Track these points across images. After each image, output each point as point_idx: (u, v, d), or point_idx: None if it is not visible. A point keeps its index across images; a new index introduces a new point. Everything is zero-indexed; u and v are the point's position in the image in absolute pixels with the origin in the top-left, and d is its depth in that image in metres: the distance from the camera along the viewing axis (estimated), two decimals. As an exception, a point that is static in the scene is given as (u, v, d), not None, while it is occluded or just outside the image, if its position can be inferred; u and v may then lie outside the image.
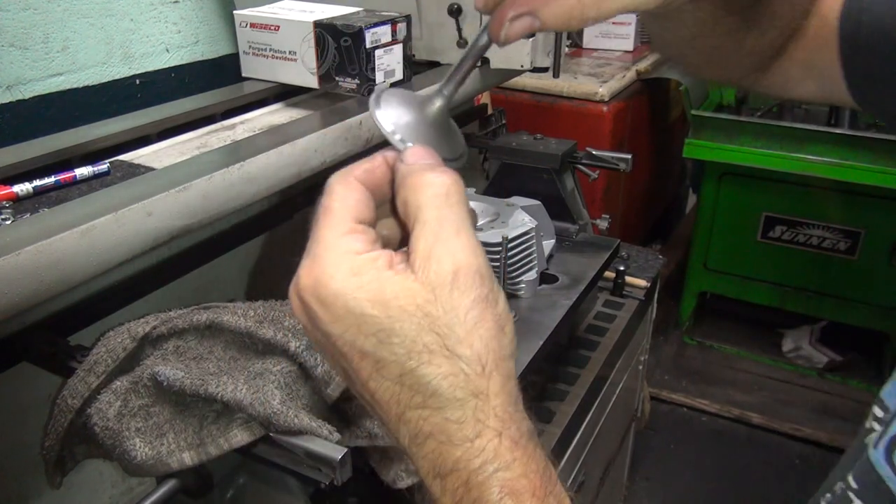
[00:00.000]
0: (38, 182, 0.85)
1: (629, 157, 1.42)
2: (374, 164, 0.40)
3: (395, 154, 0.40)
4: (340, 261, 0.36)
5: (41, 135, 1.04)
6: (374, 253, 0.36)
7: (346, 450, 0.65)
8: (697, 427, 2.53)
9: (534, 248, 1.17)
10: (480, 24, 1.32)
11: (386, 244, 0.40)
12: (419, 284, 0.35)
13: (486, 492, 0.34)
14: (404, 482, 0.76)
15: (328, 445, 0.66)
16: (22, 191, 0.84)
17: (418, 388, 0.35)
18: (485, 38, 0.41)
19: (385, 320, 0.34)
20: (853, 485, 0.43)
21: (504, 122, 1.59)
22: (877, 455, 0.42)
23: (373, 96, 0.41)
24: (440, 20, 1.34)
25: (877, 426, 0.43)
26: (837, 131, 2.28)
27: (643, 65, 2.43)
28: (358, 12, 1.22)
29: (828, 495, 0.45)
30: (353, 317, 0.35)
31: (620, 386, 1.48)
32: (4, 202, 0.82)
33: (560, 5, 0.38)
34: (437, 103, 0.43)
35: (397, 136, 0.40)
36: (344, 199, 0.39)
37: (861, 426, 0.44)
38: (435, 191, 0.37)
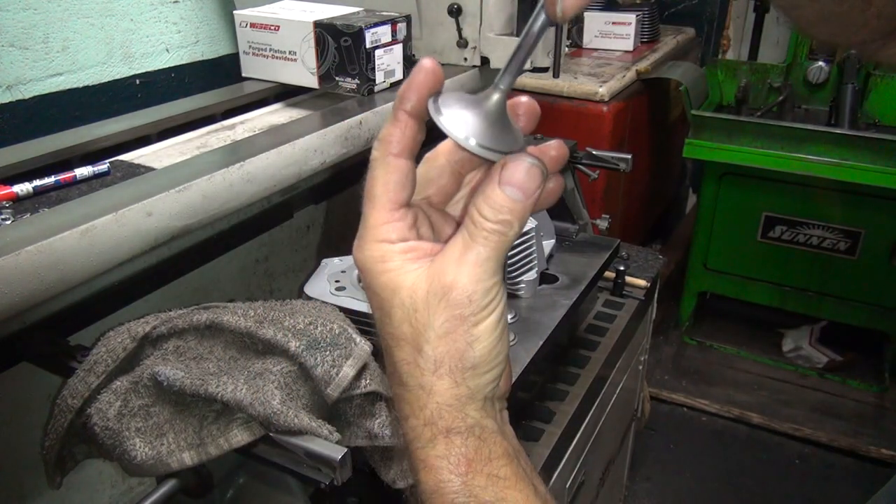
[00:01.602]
0: (38, 182, 0.85)
1: (629, 157, 1.42)
2: (414, 133, 0.42)
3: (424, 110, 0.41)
4: (371, 248, 0.42)
5: (41, 135, 1.04)
6: (406, 244, 0.42)
7: (346, 450, 0.65)
8: (697, 427, 2.53)
9: (534, 248, 1.17)
10: (481, 23, 1.32)
11: (423, 230, 0.44)
12: (424, 285, 0.41)
13: (413, 462, 0.42)
14: (404, 482, 0.76)
15: (328, 445, 0.66)
16: (22, 191, 0.84)
17: (390, 362, 0.43)
18: (541, 19, 0.40)
19: (387, 303, 0.41)
20: None
21: (504, 122, 1.59)
22: None
23: (430, 106, 0.41)
24: (440, 20, 1.34)
25: None
26: (837, 131, 2.28)
27: (643, 65, 2.43)
28: (358, 12, 1.22)
29: None
30: (370, 291, 0.43)
31: (620, 386, 1.48)
32: (4, 202, 0.82)
33: None
34: (496, 97, 0.42)
35: (472, 142, 0.41)
36: (385, 183, 0.42)
37: None
38: (494, 227, 0.40)
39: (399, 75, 1.23)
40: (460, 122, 0.41)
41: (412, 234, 0.42)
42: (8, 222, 0.76)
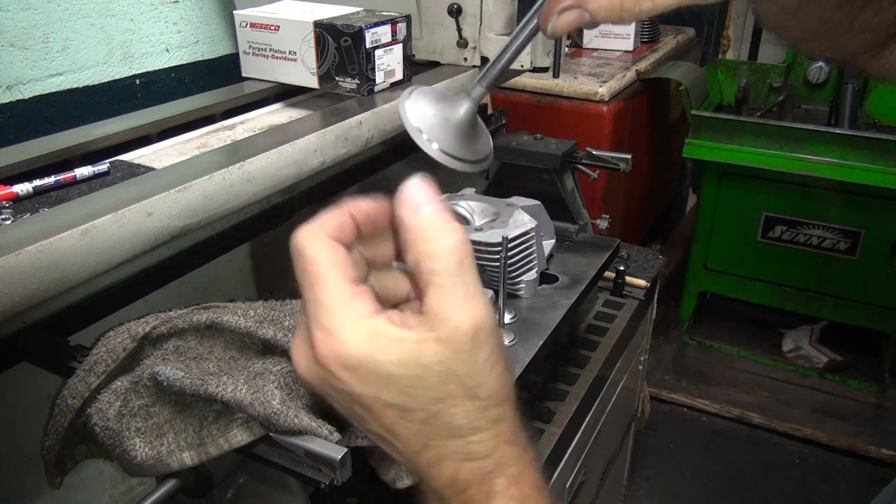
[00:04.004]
0: (38, 182, 0.85)
1: (629, 157, 1.42)
2: (342, 220, 0.41)
3: (369, 203, 0.40)
4: (356, 328, 0.38)
5: (41, 135, 1.04)
6: (385, 315, 0.39)
7: (346, 450, 0.65)
8: (697, 427, 2.53)
9: (534, 248, 1.17)
10: (481, 23, 1.32)
11: (384, 297, 0.43)
12: (440, 345, 0.38)
13: (494, 484, 0.40)
14: (404, 482, 0.75)
15: (328, 445, 0.66)
16: (22, 191, 0.84)
17: (442, 426, 0.40)
18: (532, 25, 0.40)
19: (411, 378, 0.38)
20: None
21: (504, 122, 1.59)
22: None
23: (404, 93, 0.41)
24: (440, 20, 1.34)
25: None
26: (837, 131, 2.28)
27: (643, 65, 2.43)
28: (358, 12, 1.22)
29: None
30: (378, 377, 0.39)
31: (620, 386, 1.48)
32: (4, 202, 0.82)
33: None
34: (465, 105, 0.42)
35: (424, 136, 0.41)
36: (332, 264, 0.39)
37: None
38: (448, 259, 0.38)
39: (399, 75, 1.23)
40: (427, 125, 0.41)
41: (379, 305, 0.40)
42: (8, 222, 0.76)
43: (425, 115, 0.41)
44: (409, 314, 0.40)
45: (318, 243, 0.39)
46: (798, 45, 0.54)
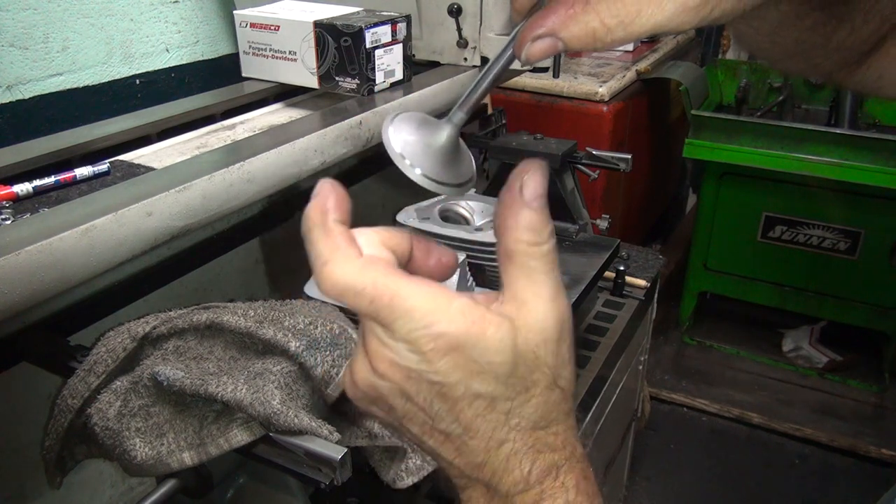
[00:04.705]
0: (38, 182, 0.85)
1: (629, 157, 1.42)
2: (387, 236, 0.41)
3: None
4: (453, 311, 0.38)
5: (41, 135, 1.04)
6: (470, 297, 0.39)
7: (346, 450, 0.65)
8: (697, 427, 2.53)
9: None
10: (481, 23, 1.32)
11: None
12: (532, 333, 0.39)
13: (567, 479, 0.41)
14: (404, 482, 0.76)
15: (328, 445, 0.66)
16: (22, 191, 0.84)
17: (526, 416, 0.40)
18: (508, 53, 0.40)
19: (505, 365, 0.38)
20: None
21: (504, 121, 1.59)
22: None
23: (387, 119, 0.42)
24: (440, 20, 1.34)
25: None
26: (837, 131, 2.28)
27: (643, 65, 2.43)
28: (358, 12, 1.22)
29: None
30: (476, 363, 0.38)
31: (620, 386, 1.48)
32: (4, 202, 0.82)
33: (582, 27, 0.36)
34: (447, 130, 0.43)
35: (407, 162, 0.41)
36: (396, 275, 0.38)
37: None
38: (548, 257, 0.40)
39: (399, 75, 1.23)
40: (409, 151, 0.41)
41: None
42: (8, 222, 0.76)
43: (407, 141, 0.42)
44: (489, 300, 0.40)
45: (377, 268, 0.38)
46: (775, 65, 0.55)
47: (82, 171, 0.89)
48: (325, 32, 1.16)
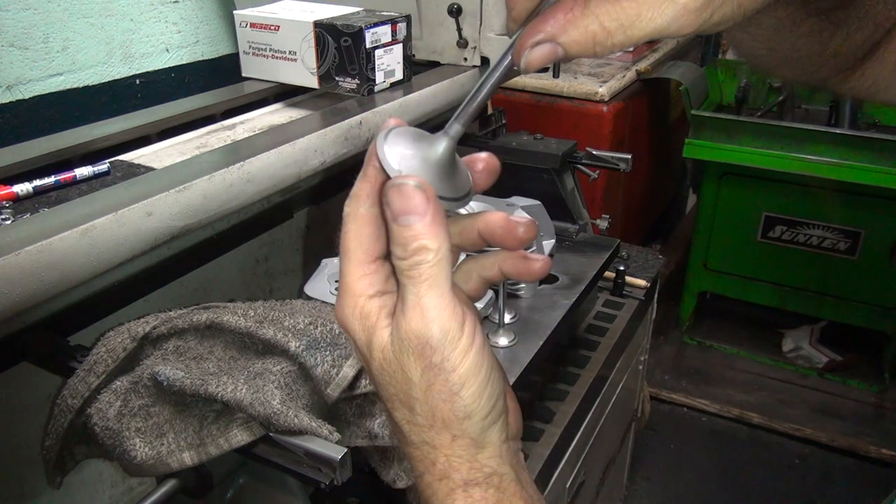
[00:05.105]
0: (38, 182, 0.85)
1: (629, 157, 1.42)
2: (374, 182, 0.41)
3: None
4: (352, 304, 0.41)
5: (41, 135, 1.04)
6: (382, 298, 0.41)
7: (346, 450, 0.65)
8: (697, 427, 2.53)
9: (534, 247, 1.17)
10: (481, 23, 1.33)
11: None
12: (394, 340, 0.39)
13: None
14: (404, 482, 0.76)
15: (328, 445, 0.66)
16: (22, 191, 0.84)
17: (391, 421, 0.42)
18: (507, 61, 0.39)
19: (374, 362, 0.40)
20: None
21: (504, 122, 1.59)
22: None
23: (381, 134, 0.41)
24: (440, 20, 1.34)
25: None
26: (837, 131, 2.28)
27: (643, 65, 2.43)
28: (358, 12, 1.22)
29: None
30: (358, 352, 0.42)
31: (620, 386, 1.48)
32: (4, 202, 0.82)
33: (581, 31, 0.36)
34: (443, 143, 0.42)
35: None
36: (358, 237, 0.41)
37: None
38: (411, 262, 0.39)
39: (399, 75, 1.23)
40: (406, 166, 0.41)
41: (390, 285, 0.41)
42: (8, 222, 0.76)
43: (404, 157, 0.41)
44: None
45: (354, 217, 0.41)
46: (772, 72, 0.55)
47: (82, 171, 0.89)
48: (325, 32, 1.16)
